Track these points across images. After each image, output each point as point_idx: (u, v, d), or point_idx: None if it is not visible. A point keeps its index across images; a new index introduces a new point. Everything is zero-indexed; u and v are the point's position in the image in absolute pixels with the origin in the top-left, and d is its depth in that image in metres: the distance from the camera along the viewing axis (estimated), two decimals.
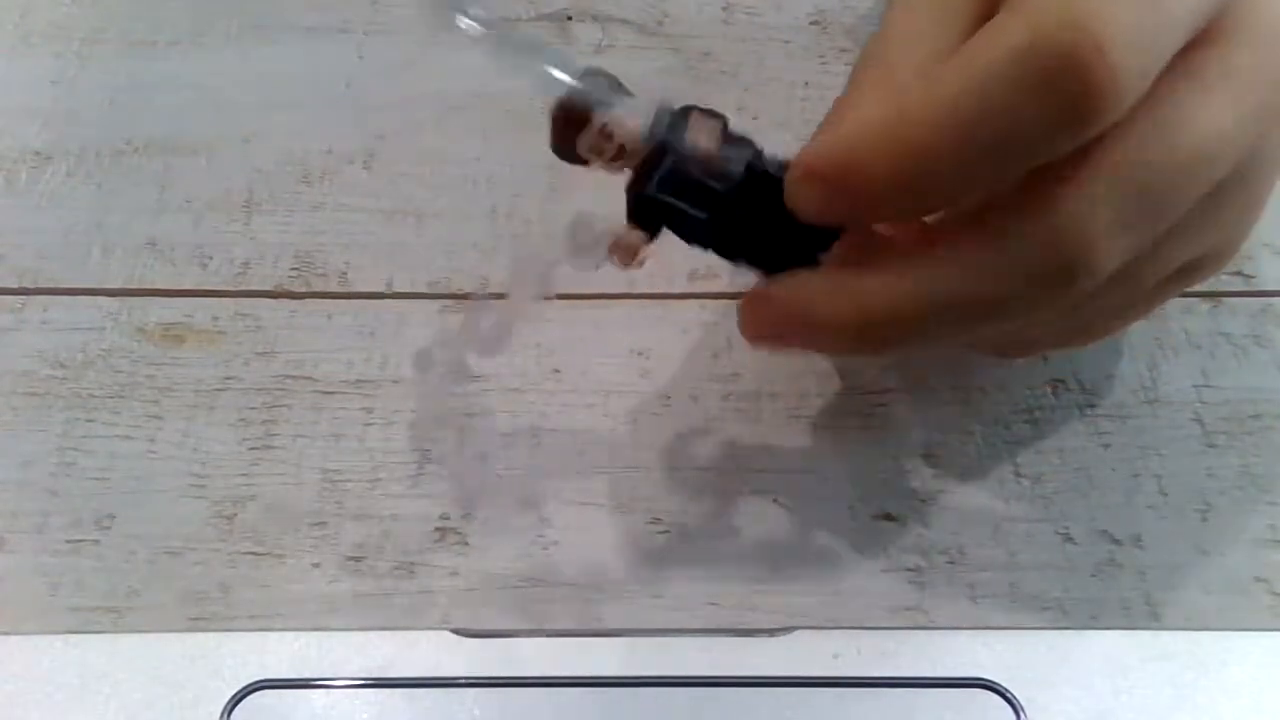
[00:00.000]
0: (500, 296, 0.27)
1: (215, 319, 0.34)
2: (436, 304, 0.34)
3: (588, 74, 0.24)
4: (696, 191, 0.24)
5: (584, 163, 0.25)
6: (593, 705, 0.28)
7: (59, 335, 0.33)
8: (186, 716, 0.28)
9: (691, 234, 0.25)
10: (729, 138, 0.24)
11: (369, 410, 0.32)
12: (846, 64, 0.37)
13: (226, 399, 0.32)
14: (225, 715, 0.28)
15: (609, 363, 0.33)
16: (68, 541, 0.30)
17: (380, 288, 0.34)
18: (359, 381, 0.33)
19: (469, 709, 0.28)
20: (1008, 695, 0.28)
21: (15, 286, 0.34)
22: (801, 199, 0.23)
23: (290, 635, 0.29)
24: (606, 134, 0.24)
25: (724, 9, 0.39)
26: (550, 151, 0.35)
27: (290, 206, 0.35)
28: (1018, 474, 0.31)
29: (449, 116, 0.37)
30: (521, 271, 0.26)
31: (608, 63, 0.37)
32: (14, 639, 0.29)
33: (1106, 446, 0.32)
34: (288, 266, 0.34)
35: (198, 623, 0.29)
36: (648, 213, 0.25)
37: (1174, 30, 0.20)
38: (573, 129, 0.24)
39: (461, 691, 0.28)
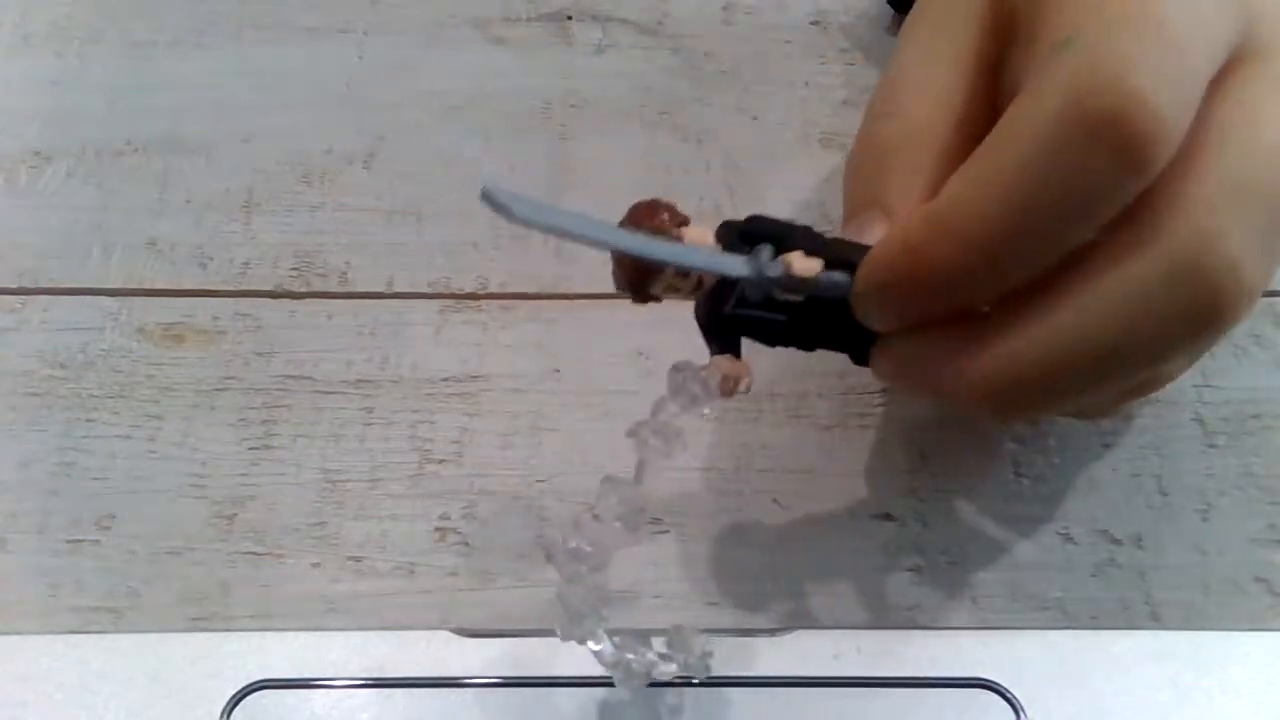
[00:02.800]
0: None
1: (215, 319, 0.34)
2: (436, 304, 0.34)
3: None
4: (772, 304, 0.24)
5: (655, 299, 0.24)
6: (593, 705, 0.28)
7: (59, 335, 0.33)
8: (186, 716, 0.28)
9: (773, 338, 0.25)
10: (820, 286, 0.24)
11: (369, 410, 0.32)
12: (847, 64, 0.38)
13: (226, 399, 0.32)
14: (225, 715, 0.28)
15: (609, 363, 0.33)
16: (68, 541, 0.30)
17: (380, 288, 0.34)
18: (359, 381, 0.33)
19: (469, 709, 0.28)
20: (1008, 695, 0.28)
21: (15, 286, 0.34)
22: (871, 311, 0.24)
23: (290, 635, 0.29)
24: (684, 273, 0.23)
25: (724, 9, 0.39)
26: (548, 154, 0.35)
27: (290, 206, 0.35)
28: (1018, 474, 0.31)
29: (449, 116, 0.37)
30: (643, 438, 0.25)
31: (608, 63, 0.37)
32: (14, 639, 0.29)
33: (1106, 446, 0.32)
34: (288, 266, 0.34)
35: (198, 623, 0.29)
36: (726, 329, 0.25)
37: (1201, 65, 0.21)
38: (648, 276, 0.23)
39: (461, 691, 0.28)
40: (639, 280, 0.23)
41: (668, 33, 0.38)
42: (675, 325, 0.33)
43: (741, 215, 0.25)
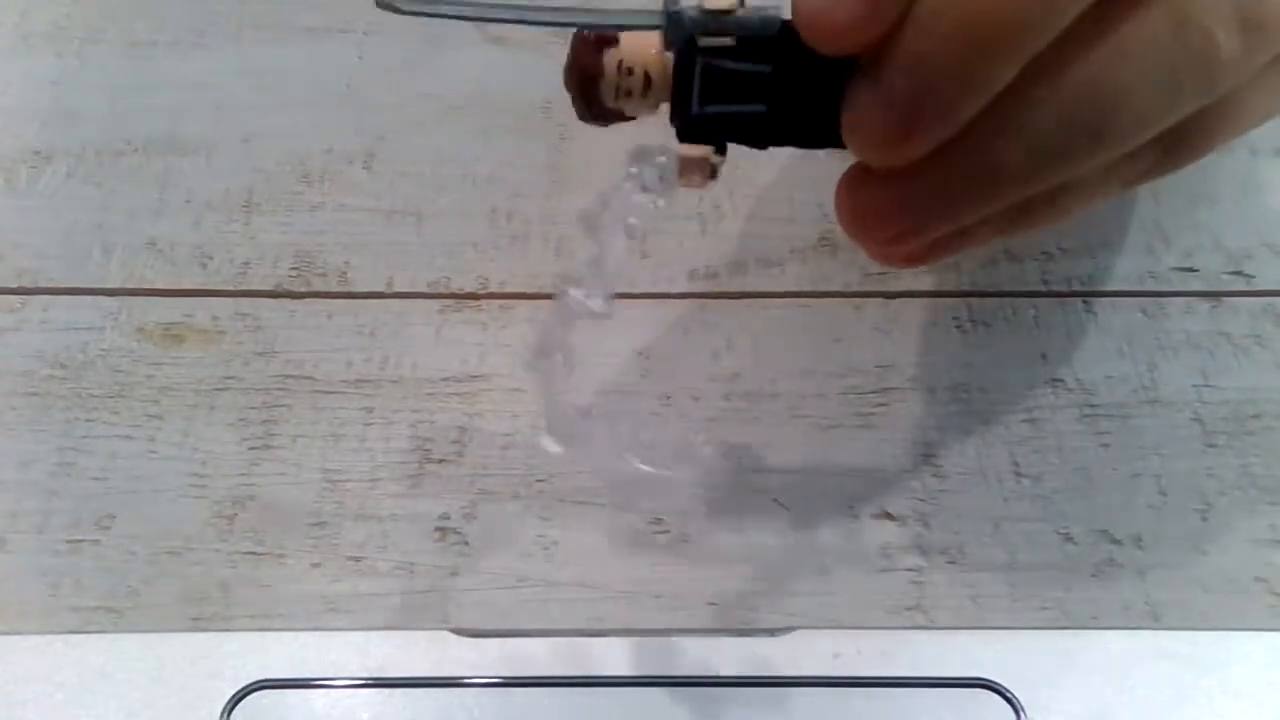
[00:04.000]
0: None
1: (215, 319, 0.34)
2: (436, 304, 0.34)
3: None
4: (743, 88, 0.21)
5: (619, 115, 0.22)
6: (593, 705, 0.28)
7: (59, 335, 0.33)
8: (186, 716, 0.28)
9: (759, 136, 0.22)
10: (747, 21, 0.21)
11: (369, 410, 0.32)
12: None
13: (226, 399, 0.32)
14: (225, 715, 0.28)
15: (609, 363, 0.33)
16: (68, 541, 0.30)
17: (380, 288, 0.34)
18: (359, 381, 0.33)
19: (469, 709, 0.28)
20: (1008, 695, 0.28)
21: (15, 286, 0.34)
22: (835, 9, 0.20)
23: (290, 635, 0.29)
24: (626, 69, 0.21)
25: None
26: (548, 154, 0.36)
27: (290, 206, 0.35)
28: (1018, 474, 0.31)
29: (449, 116, 0.37)
30: (596, 227, 0.23)
31: None
32: (14, 639, 0.29)
33: (1106, 446, 0.32)
34: (288, 266, 0.34)
35: (198, 623, 0.29)
36: (703, 135, 0.22)
37: None
38: (589, 83, 0.22)
39: (461, 691, 0.28)
40: (585, 88, 0.22)
41: None
42: (675, 325, 0.33)
43: (741, 215, 0.24)
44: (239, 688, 0.28)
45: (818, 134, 0.22)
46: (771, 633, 0.29)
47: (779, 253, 0.34)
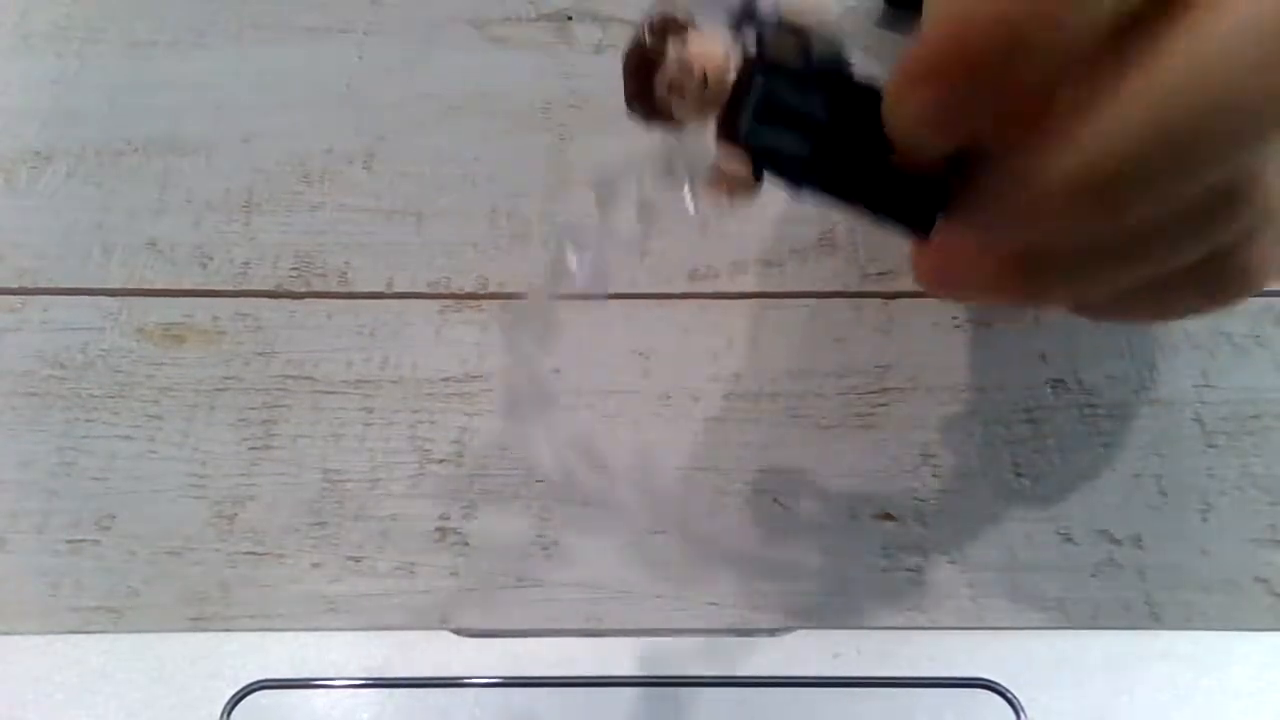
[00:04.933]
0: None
1: (215, 319, 0.34)
2: (436, 304, 0.34)
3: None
4: (796, 120, 0.20)
5: (666, 113, 0.21)
6: (593, 705, 0.28)
7: (59, 335, 0.33)
8: (186, 716, 0.28)
9: (797, 174, 0.21)
10: (819, 42, 0.20)
11: (369, 410, 0.32)
12: None
13: (226, 399, 0.32)
14: (225, 715, 0.28)
15: (609, 363, 0.33)
16: (68, 541, 0.30)
17: (380, 288, 0.34)
18: (359, 381, 0.33)
19: (469, 709, 0.28)
20: (1008, 695, 0.28)
21: (15, 286, 0.34)
22: (910, 114, 0.19)
23: (290, 635, 0.29)
24: (686, 66, 0.20)
25: None
26: (548, 154, 0.35)
27: (290, 206, 0.35)
28: (1018, 474, 0.31)
29: (449, 116, 0.37)
30: (606, 199, 0.22)
31: (607, 63, 0.37)
32: (14, 639, 0.29)
33: (1106, 446, 0.32)
34: (288, 266, 0.34)
35: (198, 623, 0.29)
36: (744, 154, 0.21)
37: None
38: (647, 68, 0.21)
39: (461, 691, 0.28)
40: (642, 71, 0.21)
41: None
42: (675, 325, 0.33)
43: (741, 215, 0.23)
44: (239, 688, 0.28)
45: (855, 195, 0.21)
46: (771, 633, 0.29)
47: (779, 253, 0.34)
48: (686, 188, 0.22)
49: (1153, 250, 0.20)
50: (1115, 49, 0.18)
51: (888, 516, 0.31)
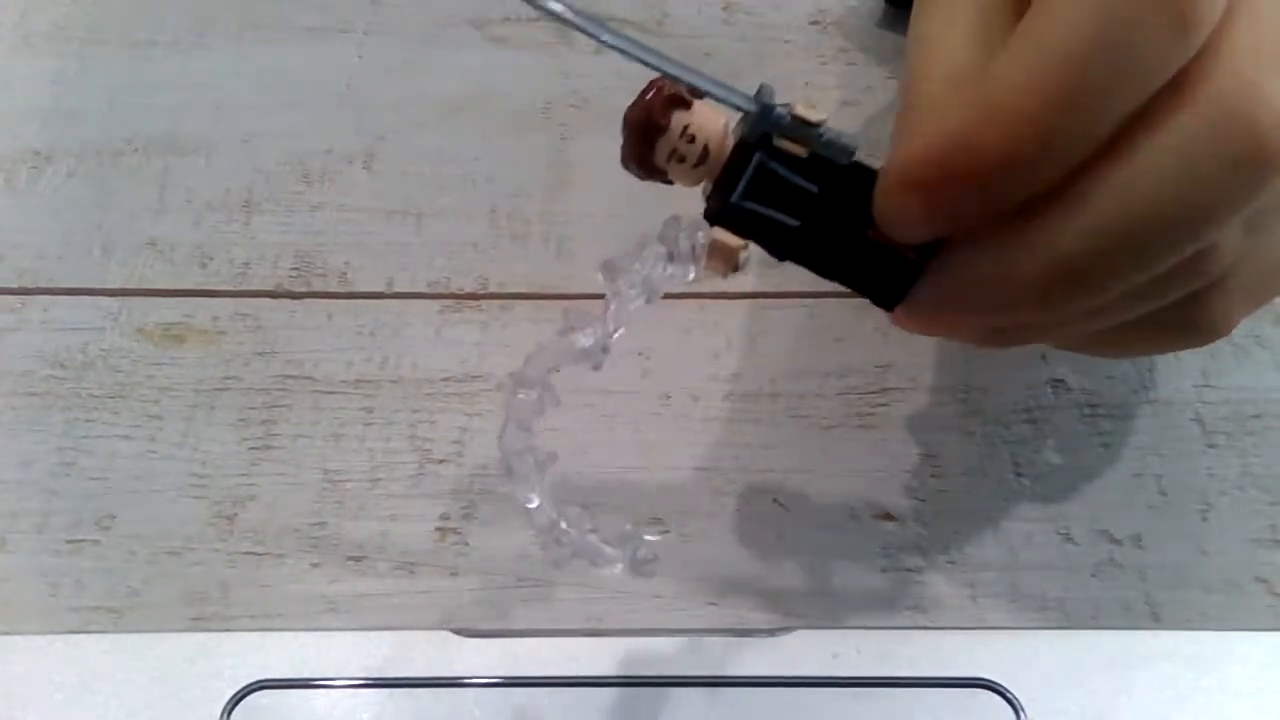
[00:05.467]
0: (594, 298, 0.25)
1: (215, 319, 0.34)
2: (436, 304, 0.34)
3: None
4: (785, 198, 0.22)
5: (661, 175, 0.22)
6: (593, 705, 0.28)
7: (59, 335, 0.33)
8: (186, 716, 0.28)
9: (781, 246, 0.23)
10: (825, 142, 0.22)
11: (369, 410, 0.32)
12: (847, 64, 0.38)
13: (226, 399, 0.32)
14: (225, 715, 0.28)
15: (609, 363, 0.33)
16: (68, 541, 0.30)
17: (380, 288, 0.34)
18: (359, 381, 0.33)
19: (469, 709, 0.28)
20: (1008, 695, 0.28)
21: (15, 286, 0.34)
22: (900, 213, 0.21)
23: (290, 635, 0.29)
24: (689, 136, 0.21)
25: (724, 9, 0.39)
26: (548, 154, 0.36)
27: (290, 206, 0.35)
28: (1018, 474, 0.31)
29: (449, 116, 0.37)
30: (616, 279, 0.24)
31: (607, 63, 0.37)
32: (14, 639, 0.29)
33: (1106, 446, 0.32)
34: (288, 266, 0.34)
35: (198, 623, 0.29)
36: (732, 224, 0.22)
37: None
38: (651, 135, 0.22)
39: (461, 691, 0.28)
40: (646, 138, 0.22)
41: (668, 33, 0.38)
42: (675, 325, 0.33)
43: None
44: (239, 688, 0.28)
45: (833, 268, 0.23)
46: (771, 633, 0.29)
47: None
48: (690, 263, 0.23)
49: (1117, 308, 0.22)
50: (1079, 171, 0.20)
51: (888, 516, 0.31)
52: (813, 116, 0.21)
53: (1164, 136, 0.20)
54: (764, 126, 0.21)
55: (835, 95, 0.37)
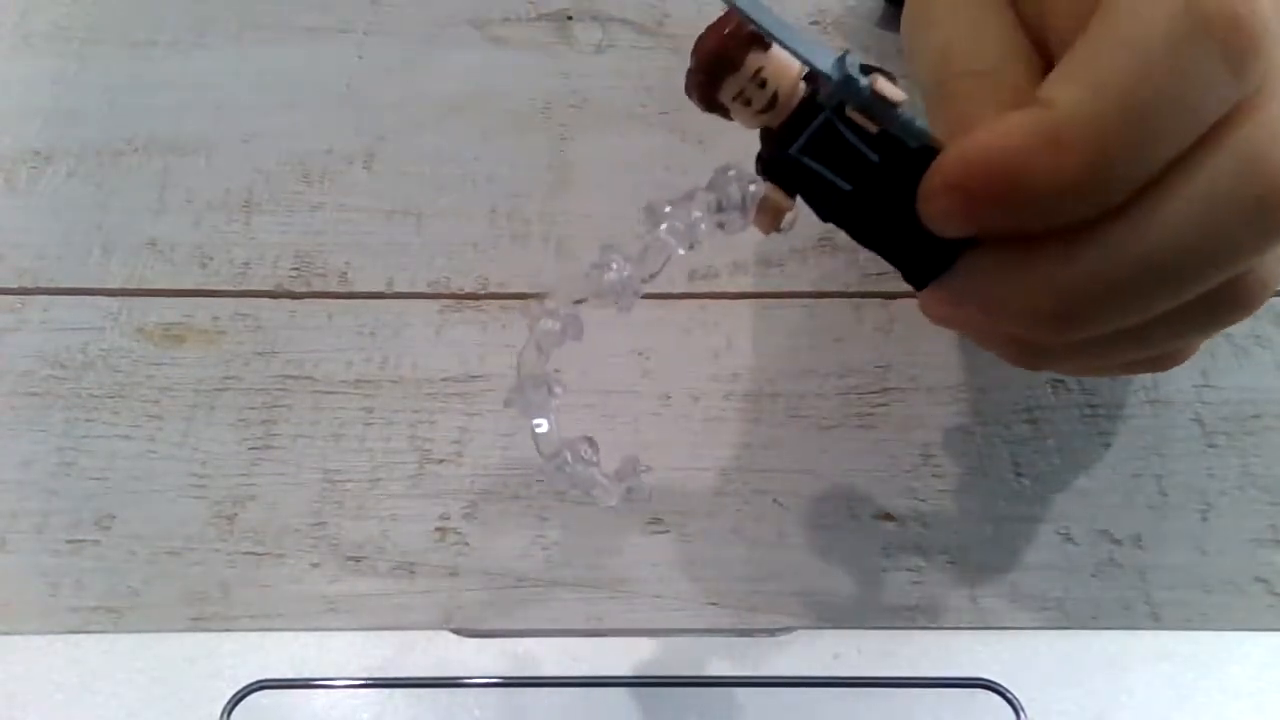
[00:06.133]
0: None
1: (215, 319, 0.34)
2: (436, 304, 0.34)
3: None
4: (846, 159, 0.21)
5: (723, 110, 0.22)
6: (593, 705, 0.28)
7: (59, 335, 0.33)
8: (186, 716, 0.28)
9: (828, 207, 0.22)
10: (897, 122, 0.21)
11: (369, 410, 0.32)
12: None
13: (226, 399, 0.32)
14: (225, 715, 0.28)
15: (609, 363, 0.33)
16: (68, 541, 0.30)
17: (380, 288, 0.34)
18: (359, 381, 0.33)
19: (469, 709, 0.28)
20: (1008, 695, 0.28)
21: (15, 286, 0.34)
22: (941, 211, 0.21)
23: (290, 635, 0.29)
24: (760, 80, 0.21)
25: (724, 9, 0.39)
26: (548, 154, 0.36)
27: (290, 206, 0.35)
28: (1018, 474, 0.31)
29: (449, 116, 0.37)
30: (659, 223, 0.23)
31: (607, 63, 0.37)
32: (14, 639, 0.29)
33: (1106, 446, 0.32)
34: (288, 266, 0.34)
35: (198, 623, 0.29)
36: (784, 175, 0.22)
37: None
38: (721, 70, 0.21)
39: (461, 691, 0.28)
40: (716, 73, 0.21)
41: (668, 33, 0.38)
42: (675, 325, 0.33)
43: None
44: (239, 688, 0.28)
45: (873, 238, 0.23)
46: (771, 633, 0.29)
47: (779, 253, 0.34)
48: (739, 214, 0.23)
49: (1133, 342, 0.23)
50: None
51: (888, 516, 0.31)
52: (892, 95, 0.21)
53: (1192, 179, 0.20)
54: (842, 96, 0.21)
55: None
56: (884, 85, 0.21)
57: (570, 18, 0.38)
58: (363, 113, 0.37)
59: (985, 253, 0.22)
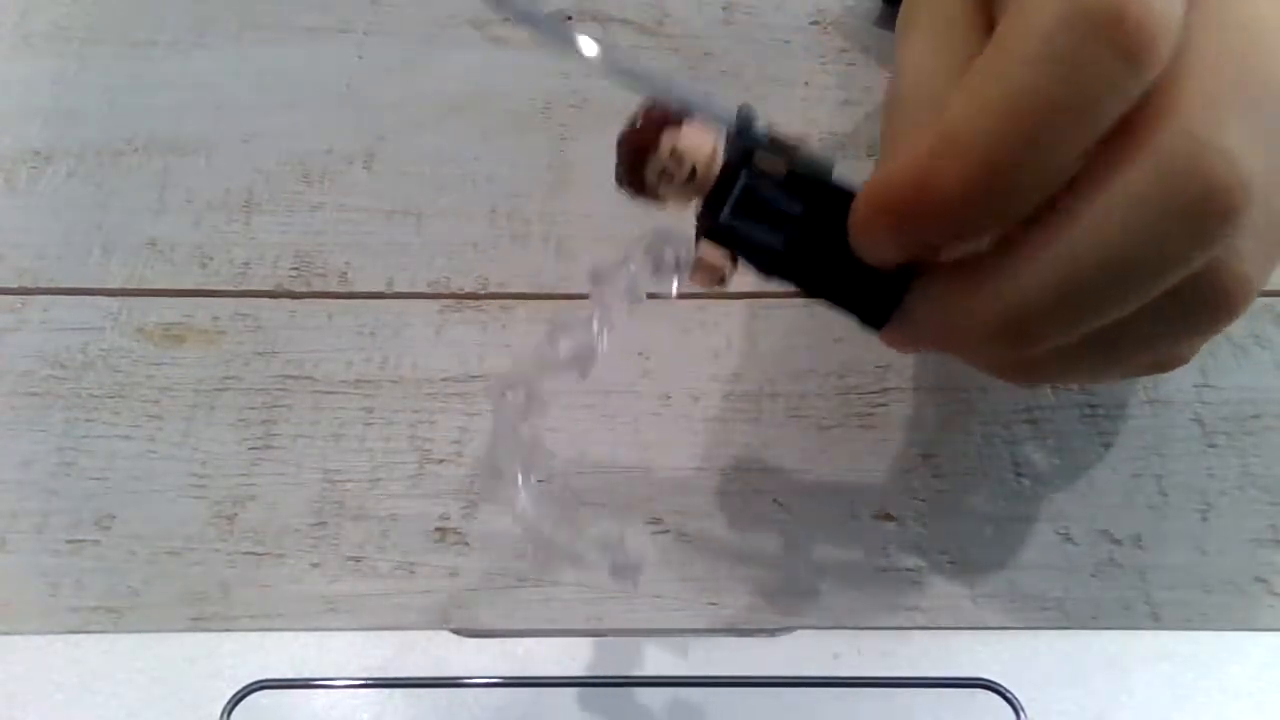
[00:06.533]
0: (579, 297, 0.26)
1: (215, 319, 0.34)
2: (436, 304, 0.34)
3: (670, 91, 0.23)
4: (772, 217, 0.23)
5: (653, 194, 0.23)
6: (593, 705, 0.28)
7: (59, 335, 0.33)
8: (186, 716, 0.28)
9: (768, 265, 0.23)
10: (803, 159, 0.22)
11: (369, 410, 0.32)
12: (847, 64, 0.38)
13: (226, 399, 0.32)
14: (225, 715, 0.28)
15: (609, 363, 0.33)
16: (68, 541, 0.30)
17: (380, 288, 0.34)
18: (359, 381, 0.33)
19: (469, 709, 0.28)
20: (1008, 695, 0.28)
21: (15, 286, 0.34)
22: (870, 237, 0.22)
23: (290, 635, 0.29)
24: (677, 157, 0.22)
25: (724, 9, 0.39)
26: (548, 154, 0.36)
27: (290, 206, 0.35)
28: (1018, 474, 0.31)
29: (449, 116, 0.37)
30: (602, 286, 0.25)
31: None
32: (14, 639, 0.29)
33: (1106, 446, 0.32)
34: (288, 266, 0.34)
35: (198, 623, 0.29)
36: (721, 241, 0.23)
37: None
38: (640, 155, 0.23)
39: (461, 691, 0.28)
40: (635, 158, 0.23)
41: (668, 33, 0.38)
42: (675, 325, 0.33)
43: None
44: (239, 688, 0.28)
45: (819, 287, 0.24)
46: (771, 633, 0.29)
47: None
48: (674, 276, 0.24)
49: (1109, 348, 0.23)
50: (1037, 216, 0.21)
51: (888, 516, 0.31)
52: (790, 136, 0.22)
53: (1116, 187, 0.20)
54: (746, 142, 0.22)
55: (835, 95, 0.37)
56: (780, 129, 0.22)
57: (570, 18, 0.38)
58: (363, 113, 0.37)
59: (930, 280, 0.22)
